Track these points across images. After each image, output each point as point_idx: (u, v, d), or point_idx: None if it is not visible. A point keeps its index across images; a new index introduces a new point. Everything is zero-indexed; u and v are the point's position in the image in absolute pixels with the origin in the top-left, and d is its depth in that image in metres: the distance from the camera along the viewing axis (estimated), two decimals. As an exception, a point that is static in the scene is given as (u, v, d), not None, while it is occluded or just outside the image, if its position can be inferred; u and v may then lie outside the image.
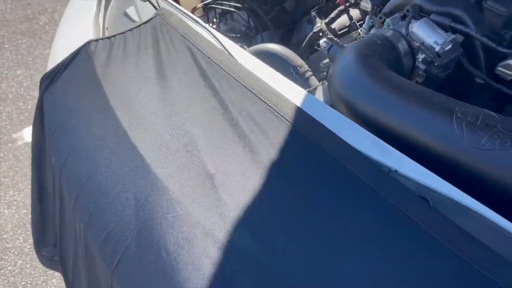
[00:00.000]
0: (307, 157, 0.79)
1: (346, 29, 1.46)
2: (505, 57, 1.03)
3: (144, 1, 1.41)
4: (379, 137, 0.86)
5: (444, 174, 0.79)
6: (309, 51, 1.49)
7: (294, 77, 1.28)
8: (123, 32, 1.21)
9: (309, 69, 1.32)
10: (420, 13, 1.08)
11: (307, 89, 1.24)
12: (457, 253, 0.64)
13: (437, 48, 0.97)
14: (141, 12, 1.35)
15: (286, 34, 1.77)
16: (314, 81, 1.27)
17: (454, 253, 0.64)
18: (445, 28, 1.04)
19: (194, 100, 0.90)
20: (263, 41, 1.58)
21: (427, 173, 0.76)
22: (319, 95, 1.22)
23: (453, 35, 1.00)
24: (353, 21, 1.46)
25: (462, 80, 1.10)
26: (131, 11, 1.37)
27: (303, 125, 0.85)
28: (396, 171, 0.77)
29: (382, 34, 1.05)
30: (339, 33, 1.44)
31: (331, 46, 1.10)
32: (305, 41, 1.44)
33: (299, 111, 0.87)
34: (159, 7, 1.32)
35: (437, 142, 0.83)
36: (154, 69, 0.99)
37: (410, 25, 1.03)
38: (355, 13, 1.51)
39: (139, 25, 1.23)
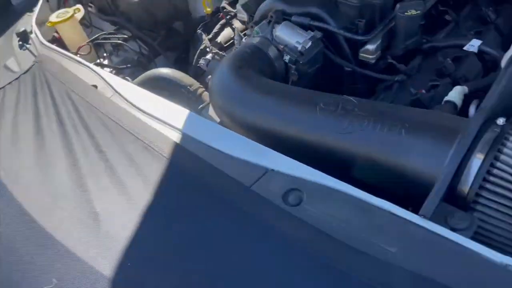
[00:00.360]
0: (182, 189, 0.82)
1: (232, 41, 1.52)
2: (364, 43, 1.13)
3: (23, 50, 1.39)
4: (260, 140, 0.91)
5: (320, 164, 0.86)
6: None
7: (187, 96, 1.32)
8: (3, 87, 1.19)
9: (201, 86, 1.36)
10: (283, 17, 1.15)
11: (200, 106, 1.28)
12: (317, 254, 0.67)
13: (299, 47, 1.05)
14: (21, 62, 1.32)
15: (182, 55, 1.80)
16: (206, 96, 1.32)
17: (315, 256, 0.67)
18: (306, 27, 1.12)
19: (72, 147, 0.91)
20: (157, 67, 1.60)
21: (301, 166, 0.82)
22: (212, 109, 1.26)
23: (312, 33, 1.08)
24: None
25: (335, 71, 1.18)
26: (11, 62, 1.34)
27: (178, 158, 0.87)
28: (273, 170, 0.83)
29: (252, 43, 1.11)
30: (225, 45, 1.49)
31: (209, 62, 1.15)
32: (194, 59, 1.48)
33: (175, 145, 0.90)
34: (38, 53, 1.31)
35: (307, 135, 0.89)
36: (32, 121, 0.99)
37: (274, 30, 1.10)
38: (239, 24, 1.57)
39: (19, 76, 1.22)
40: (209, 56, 1.38)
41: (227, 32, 1.54)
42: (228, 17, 1.52)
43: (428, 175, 0.76)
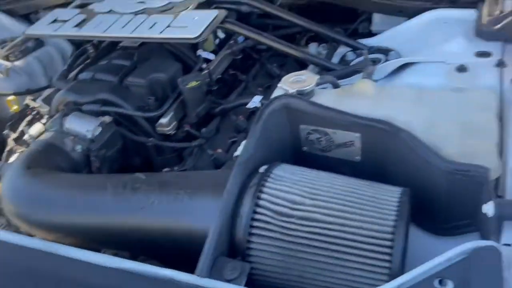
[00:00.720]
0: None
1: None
2: (159, 117, 1.20)
3: None
4: (61, 237, 0.89)
5: (124, 246, 0.87)
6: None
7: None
8: None
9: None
10: (76, 107, 1.18)
11: None
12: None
13: (89, 135, 1.07)
14: None
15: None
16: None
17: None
18: (99, 114, 1.15)
19: None
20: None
21: (92, 256, 0.81)
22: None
23: (102, 118, 1.12)
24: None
25: (140, 147, 1.23)
26: None
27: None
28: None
29: (44, 140, 1.10)
30: (35, 142, 1.45)
31: (1, 166, 1.11)
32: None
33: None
34: None
35: (101, 221, 0.90)
36: None
37: (64, 122, 1.12)
38: (49, 118, 1.55)
39: None
40: (15, 156, 1.32)
41: (37, 128, 1.50)
42: (34, 112, 1.49)
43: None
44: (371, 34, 1.47)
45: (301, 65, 1.53)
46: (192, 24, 1.17)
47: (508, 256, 0.65)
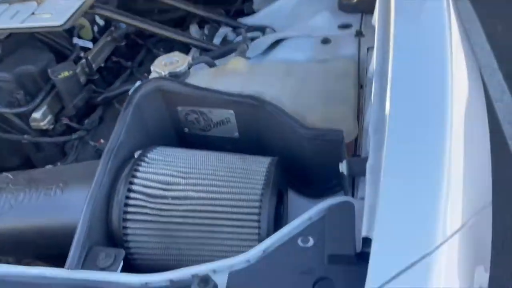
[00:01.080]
0: None
1: None
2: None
3: None
4: None
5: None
6: None
7: None
8: None
9: None
10: None
11: None
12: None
13: None
14: None
15: None
16: None
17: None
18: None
19: None
20: None
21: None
22: None
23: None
24: None
25: (16, 146, 1.15)
26: None
27: None
28: None
29: None
30: None
31: None
32: None
33: None
34: None
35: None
36: None
37: None
38: None
39: None
40: None
41: None
42: None
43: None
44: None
45: (189, 48, 1.52)
46: (57, 11, 1.10)
47: (361, 208, 0.71)
